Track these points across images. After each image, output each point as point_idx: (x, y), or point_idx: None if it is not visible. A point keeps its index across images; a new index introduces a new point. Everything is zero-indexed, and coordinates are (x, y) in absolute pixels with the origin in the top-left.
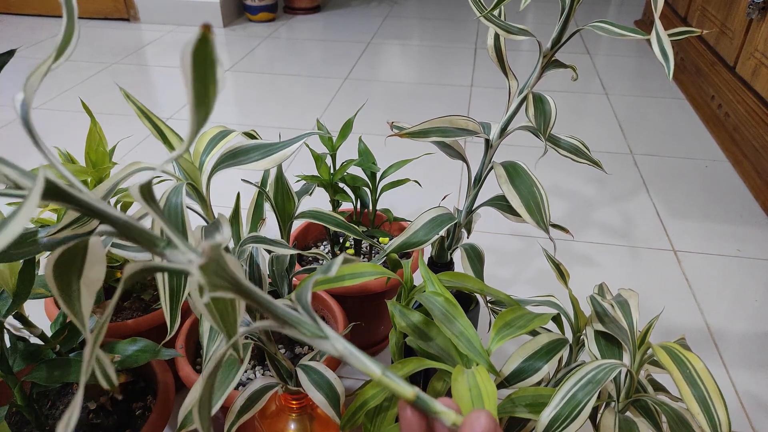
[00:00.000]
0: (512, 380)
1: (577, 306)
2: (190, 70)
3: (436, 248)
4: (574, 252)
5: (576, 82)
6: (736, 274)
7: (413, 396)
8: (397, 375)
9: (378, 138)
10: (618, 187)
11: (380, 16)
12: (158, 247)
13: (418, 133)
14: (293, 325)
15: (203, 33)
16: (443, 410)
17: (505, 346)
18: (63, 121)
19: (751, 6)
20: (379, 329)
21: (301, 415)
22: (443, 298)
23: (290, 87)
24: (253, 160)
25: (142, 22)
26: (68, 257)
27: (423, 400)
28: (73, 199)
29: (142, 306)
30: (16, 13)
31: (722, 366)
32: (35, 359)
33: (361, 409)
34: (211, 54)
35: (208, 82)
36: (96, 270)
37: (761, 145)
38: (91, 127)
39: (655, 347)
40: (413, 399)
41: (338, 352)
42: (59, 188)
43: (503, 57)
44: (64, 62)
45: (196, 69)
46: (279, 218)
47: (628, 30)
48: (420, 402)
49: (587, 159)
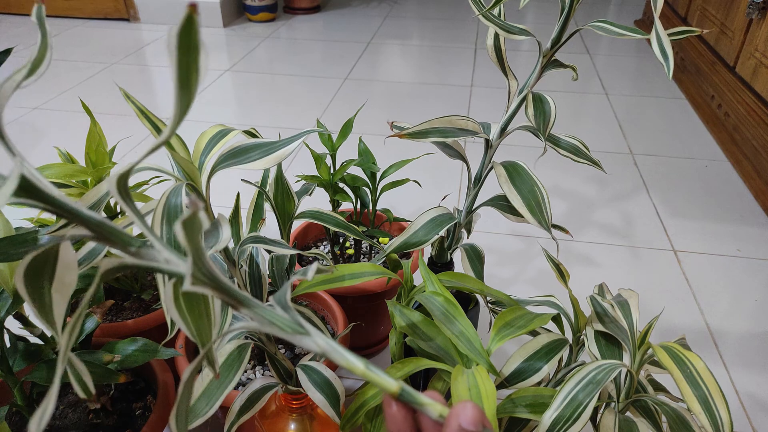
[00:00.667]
0: (512, 380)
1: (577, 306)
2: (175, 50)
3: (436, 248)
4: (574, 252)
5: (576, 82)
6: (736, 274)
7: (398, 389)
8: (379, 369)
9: (378, 138)
10: (618, 187)
11: (380, 16)
12: (132, 246)
13: (418, 133)
14: (272, 322)
15: (189, 12)
16: (429, 402)
17: (505, 346)
18: (63, 121)
19: (751, 6)
20: (379, 329)
21: (301, 415)
22: (443, 298)
23: (290, 87)
24: (253, 159)
25: (142, 22)
26: (39, 264)
27: (408, 393)
28: (47, 198)
29: (142, 306)
30: (16, 13)
31: (722, 366)
32: (35, 359)
33: (361, 409)
34: (195, 33)
35: (191, 63)
36: (68, 275)
37: (761, 145)
38: (91, 127)
39: (655, 347)
40: (398, 392)
41: (320, 347)
42: (33, 185)
43: (503, 57)
44: (36, 80)
45: (181, 49)
46: (279, 218)
47: (628, 30)
48: (405, 395)
49: (587, 159)
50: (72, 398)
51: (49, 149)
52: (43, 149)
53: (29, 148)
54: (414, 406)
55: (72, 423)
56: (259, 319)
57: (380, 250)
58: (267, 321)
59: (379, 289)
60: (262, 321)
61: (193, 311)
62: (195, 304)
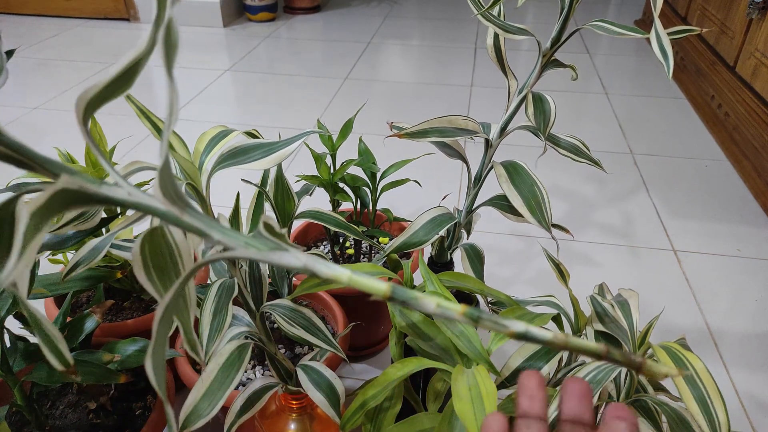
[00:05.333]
0: (512, 380)
1: (577, 306)
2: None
3: (436, 248)
4: (574, 252)
5: (576, 81)
6: (736, 274)
7: (389, 290)
8: (365, 272)
9: (378, 138)
10: (618, 186)
11: (380, 16)
12: (57, 173)
13: (418, 133)
14: (249, 243)
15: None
16: (421, 295)
17: (505, 346)
18: (63, 121)
19: (751, 5)
20: (379, 329)
21: (301, 415)
22: (443, 297)
23: (290, 87)
24: (253, 159)
25: (142, 22)
26: None
27: (400, 290)
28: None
29: (142, 306)
30: (16, 13)
31: (722, 366)
32: (35, 359)
33: (361, 409)
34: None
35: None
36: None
37: (761, 145)
38: (91, 127)
39: (655, 347)
40: (390, 294)
41: (301, 261)
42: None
43: (503, 57)
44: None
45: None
46: (279, 218)
47: (628, 29)
48: (397, 293)
49: (587, 158)
50: (72, 398)
51: (49, 149)
52: (43, 149)
53: None
54: (408, 303)
55: (72, 423)
56: (234, 243)
57: (380, 250)
58: (243, 243)
59: None
60: (238, 244)
61: (154, 249)
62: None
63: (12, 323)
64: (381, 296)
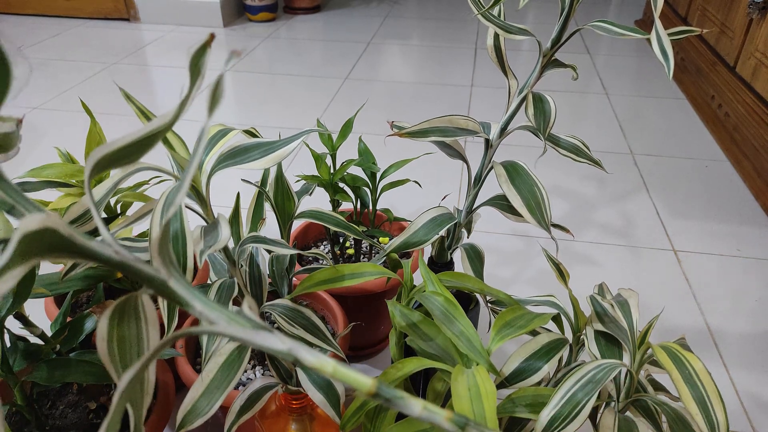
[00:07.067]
0: (512, 380)
1: (577, 306)
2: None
3: (436, 248)
4: (574, 252)
5: (576, 81)
6: (736, 274)
7: (374, 387)
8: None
9: (378, 138)
10: (618, 187)
11: (380, 16)
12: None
13: (418, 132)
14: (233, 320)
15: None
16: (406, 395)
17: (505, 346)
18: (63, 121)
19: (752, 6)
20: (379, 329)
21: (301, 415)
22: (443, 297)
23: (290, 87)
24: (253, 159)
25: (142, 22)
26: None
27: (385, 390)
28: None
29: None
30: (16, 13)
31: (722, 366)
32: (35, 359)
33: (361, 409)
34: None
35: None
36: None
37: (761, 145)
38: (91, 127)
39: (654, 347)
40: (374, 391)
41: (286, 345)
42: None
43: (503, 57)
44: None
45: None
46: (279, 218)
47: (628, 29)
48: (382, 392)
49: (587, 158)
50: (72, 398)
51: (49, 149)
52: (43, 149)
53: (29, 148)
54: (394, 402)
55: (72, 423)
56: (216, 317)
57: (380, 250)
58: (226, 318)
59: (379, 289)
60: (220, 318)
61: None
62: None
63: (12, 323)
64: (365, 393)
